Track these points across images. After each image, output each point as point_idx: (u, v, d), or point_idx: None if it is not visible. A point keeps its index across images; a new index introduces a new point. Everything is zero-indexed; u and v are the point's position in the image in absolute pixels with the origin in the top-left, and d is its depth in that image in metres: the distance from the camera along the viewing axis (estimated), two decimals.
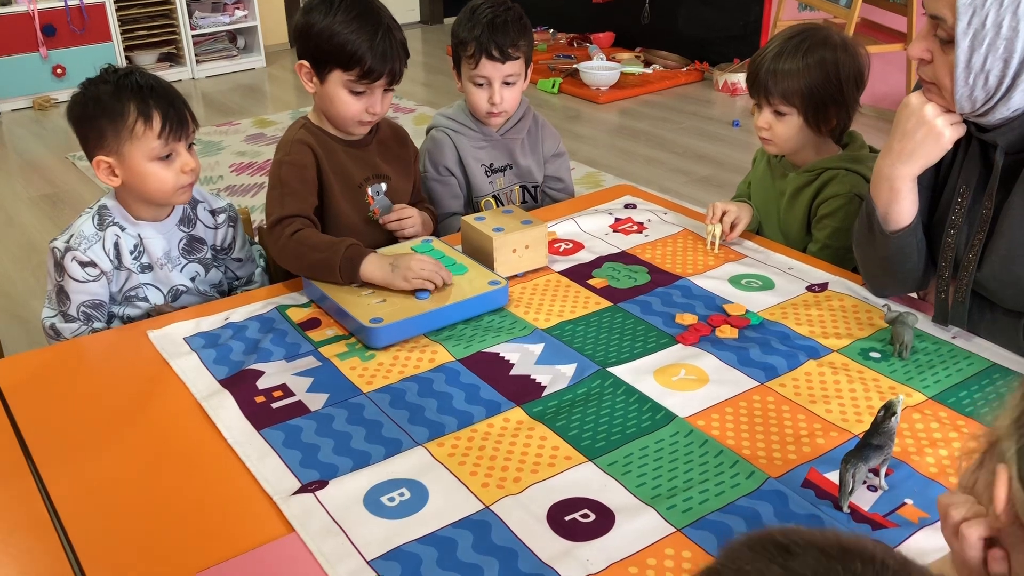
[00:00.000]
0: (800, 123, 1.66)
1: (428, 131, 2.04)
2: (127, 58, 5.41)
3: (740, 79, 4.94)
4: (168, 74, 5.51)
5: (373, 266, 1.51)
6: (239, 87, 5.54)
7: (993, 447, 0.73)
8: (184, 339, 1.45)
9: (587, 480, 1.11)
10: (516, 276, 1.60)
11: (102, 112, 1.51)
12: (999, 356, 1.33)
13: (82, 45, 5.17)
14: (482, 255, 1.60)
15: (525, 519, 1.05)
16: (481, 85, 1.90)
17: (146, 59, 5.52)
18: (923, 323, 1.41)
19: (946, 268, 1.37)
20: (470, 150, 1.99)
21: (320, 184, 1.68)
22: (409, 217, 1.76)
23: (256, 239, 1.88)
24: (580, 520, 1.04)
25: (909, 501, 1.06)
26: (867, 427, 1.18)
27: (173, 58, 5.68)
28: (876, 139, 1.86)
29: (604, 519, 1.04)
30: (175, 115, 1.53)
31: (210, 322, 1.50)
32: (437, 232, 1.94)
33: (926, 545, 0.99)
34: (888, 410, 1.05)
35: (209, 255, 1.70)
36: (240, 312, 1.53)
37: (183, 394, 1.32)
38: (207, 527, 1.07)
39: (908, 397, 1.24)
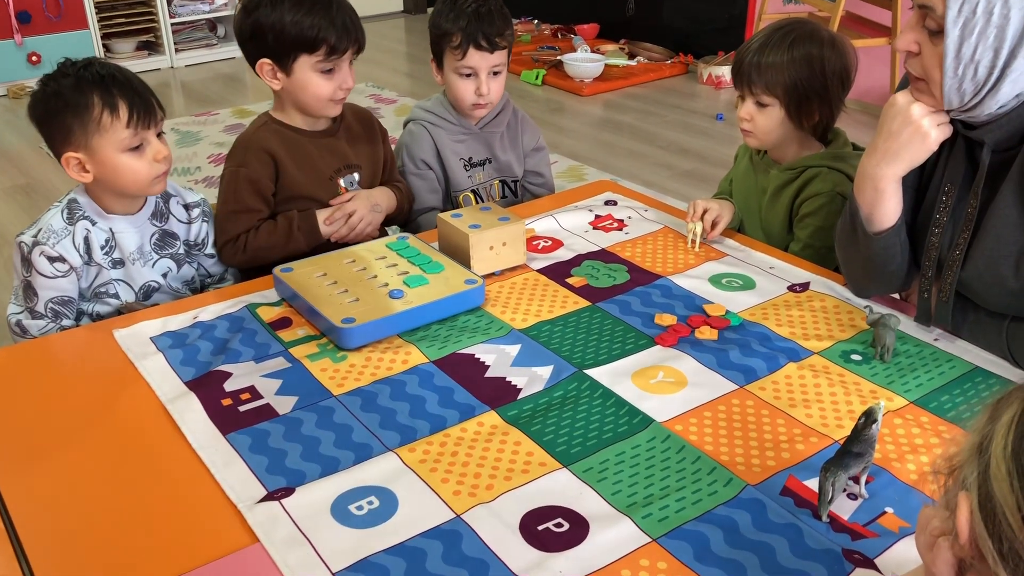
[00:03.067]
0: (782, 116, 1.64)
1: (406, 124, 2.01)
2: (104, 46, 5.33)
3: (724, 72, 4.91)
4: (146, 63, 5.45)
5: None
6: (219, 76, 5.47)
7: (956, 472, 0.70)
8: (151, 339, 1.41)
9: (561, 487, 1.08)
10: (493, 274, 1.57)
11: (65, 107, 1.46)
12: (981, 359, 1.31)
13: (58, 32, 5.09)
14: (459, 253, 1.56)
15: (497, 528, 1.02)
16: (468, 76, 1.87)
17: (124, 47, 5.44)
18: (905, 325, 1.39)
19: (930, 268, 1.35)
20: (448, 143, 1.95)
21: (284, 184, 1.66)
22: (353, 213, 1.72)
23: None
24: (553, 529, 1.02)
25: (889, 510, 1.04)
26: (848, 433, 1.16)
27: (152, 46, 5.60)
28: (859, 133, 1.83)
29: (578, 528, 1.02)
30: (141, 103, 1.49)
31: (178, 321, 1.46)
32: (411, 215, 1.92)
33: (906, 555, 0.97)
34: (869, 417, 1.03)
35: (182, 250, 1.66)
36: (209, 311, 1.49)
37: (148, 396, 1.28)
38: (168, 537, 1.03)
39: (889, 401, 1.22)
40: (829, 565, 0.96)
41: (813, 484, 1.07)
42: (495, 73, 1.87)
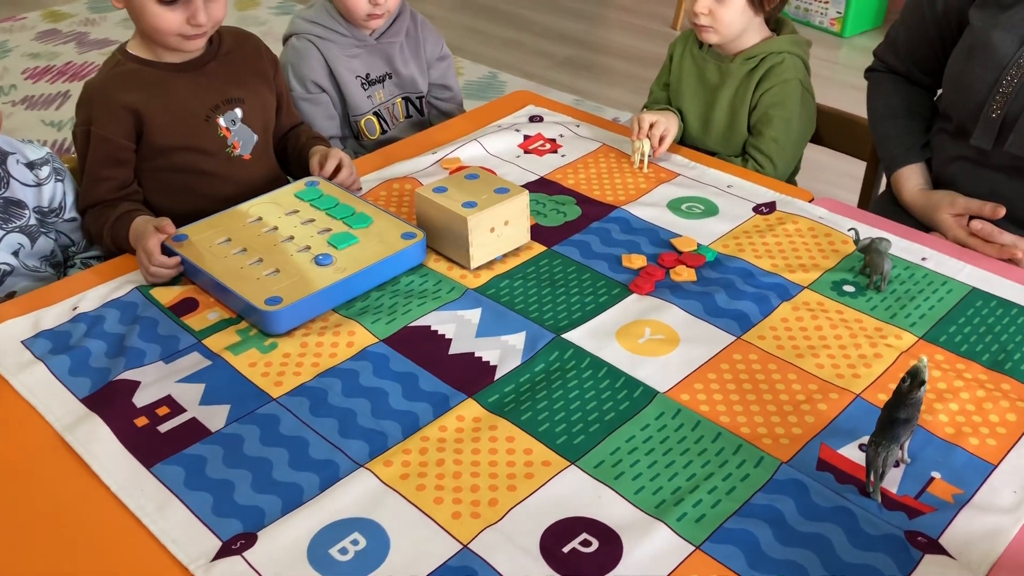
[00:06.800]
0: (743, 4, 1.48)
1: (286, 40, 1.71)
2: None
3: None
4: None
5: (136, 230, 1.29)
6: None
7: None
8: (22, 343, 1.14)
9: (576, 492, 0.93)
10: (495, 260, 1.28)
11: None
12: (976, 279, 1.22)
13: None
14: (450, 238, 1.25)
15: (515, 557, 0.86)
16: None
17: None
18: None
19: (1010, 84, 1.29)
20: (341, 59, 1.68)
21: (151, 136, 1.35)
22: (344, 167, 1.43)
23: None
24: (581, 550, 0.87)
25: (937, 475, 0.94)
26: (864, 381, 1.06)
27: None
28: None
29: (609, 545, 0.87)
30: None
31: (54, 315, 1.19)
32: None
33: (969, 530, 0.88)
34: (915, 378, 0.91)
35: (33, 221, 1.35)
36: (91, 297, 1.22)
37: (35, 423, 1.02)
38: None
39: (898, 340, 1.12)
40: (895, 555, 0.85)
41: (848, 452, 0.97)
42: None
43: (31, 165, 1.36)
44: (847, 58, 3.60)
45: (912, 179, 1.48)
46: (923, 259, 1.26)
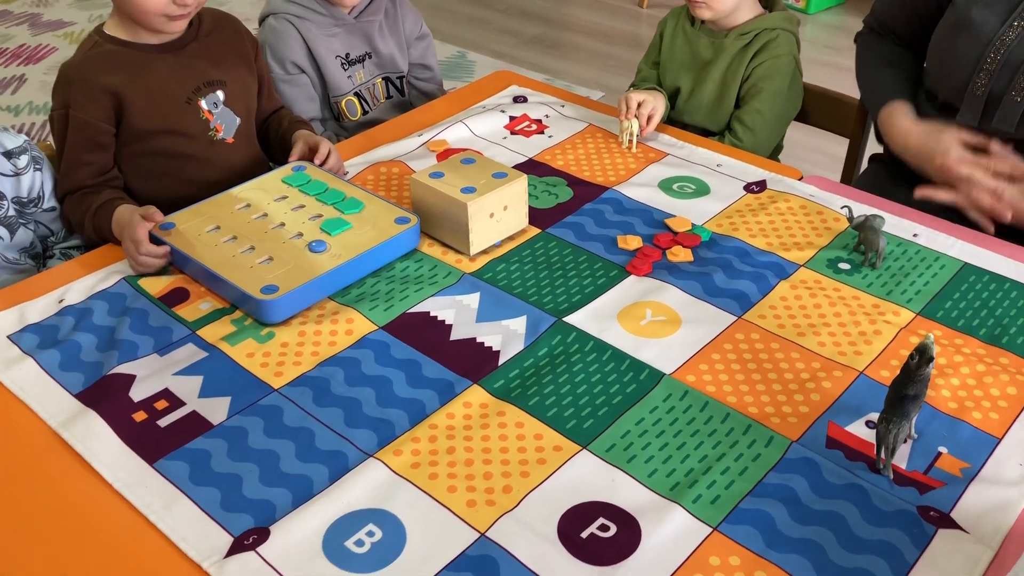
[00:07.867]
0: None
1: (263, 20, 1.67)
2: None
3: None
4: None
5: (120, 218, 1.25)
6: None
7: None
8: (9, 338, 1.11)
9: (590, 476, 0.92)
10: (494, 246, 1.26)
11: None
12: (968, 254, 1.24)
13: None
14: (448, 224, 1.23)
15: (534, 544, 0.85)
16: None
17: None
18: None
19: (995, 61, 1.30)
20: (321, 39, 1.65)
21: (131, 119, 1.32)
22: (331, 155, 1.40)
23: None
24: (600, 535, 0.86)
25: (943, 449, 0.95)
26: (866, 358, 1.07)
27: None
28: None
29: (627, 529, 0.87)
30: None
31: (39, 309, 1.15)
32: None
33: (979, 504, 0.89)
34: (923, 355, 0.91)
35: (12, 212, 1.31)
36: (77, 289, 1.18)
37: (29, 421, 0.99)
38: None
39: (896, 316, 1.13)
40: (909, 530, 0.86)
41: (855, 430, 0.97)
42: None
43: (8, 154, 1.31)
44: (812, 35, 3.62)
45: (905, 112, 1.44)
46: (915, 235, 1.28)
